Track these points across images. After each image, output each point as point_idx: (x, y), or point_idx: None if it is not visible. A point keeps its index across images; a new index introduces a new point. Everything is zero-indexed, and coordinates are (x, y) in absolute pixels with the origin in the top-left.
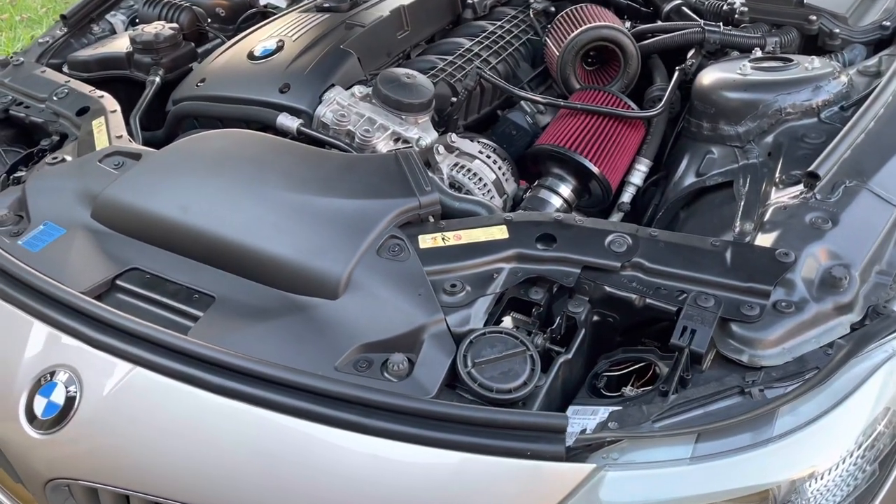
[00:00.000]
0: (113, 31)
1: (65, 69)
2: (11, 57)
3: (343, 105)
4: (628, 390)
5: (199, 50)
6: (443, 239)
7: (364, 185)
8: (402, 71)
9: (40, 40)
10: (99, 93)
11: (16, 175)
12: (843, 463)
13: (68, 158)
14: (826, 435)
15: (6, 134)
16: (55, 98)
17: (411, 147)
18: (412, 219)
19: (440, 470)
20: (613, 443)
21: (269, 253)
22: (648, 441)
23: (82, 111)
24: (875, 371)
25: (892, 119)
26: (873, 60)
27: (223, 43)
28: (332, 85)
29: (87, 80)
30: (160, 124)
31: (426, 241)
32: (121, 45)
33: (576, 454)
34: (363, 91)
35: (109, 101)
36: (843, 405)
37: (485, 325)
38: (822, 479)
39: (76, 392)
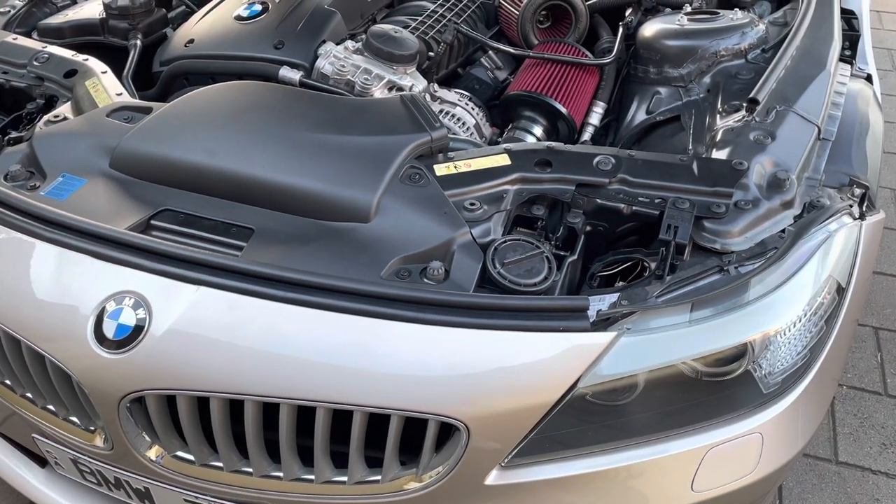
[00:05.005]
0: (75, 1)
1: (34, 36)
2: None
3: (340, 57)
4: (620, 285)
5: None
6: (455, 167)
7: (378, 125)
8: (388, 26)
9: (0, 10)
10: (82, 56)
11: (11, 136)
12: (804, 317)
13: (69, 116)
14: (788, 297)
15: None
16: (36, 63)
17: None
18: (425, 152)
19: (491, 347)
20: (625, 316)
21: (301, 186)
22: (654, 312)
23: (70, 73)
24: (818, 248)
25: (803, 58)
26: (779, 13)
27: (189, 10)
28: (324, 41)
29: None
30: (139, 86)
31: (441, 169)
32: (91, 11)
33: (598, 327)
34: (355, 45)
35: (96, 63)
36: (799, 274)
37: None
38: (787, 333)
39: (145, 314)
